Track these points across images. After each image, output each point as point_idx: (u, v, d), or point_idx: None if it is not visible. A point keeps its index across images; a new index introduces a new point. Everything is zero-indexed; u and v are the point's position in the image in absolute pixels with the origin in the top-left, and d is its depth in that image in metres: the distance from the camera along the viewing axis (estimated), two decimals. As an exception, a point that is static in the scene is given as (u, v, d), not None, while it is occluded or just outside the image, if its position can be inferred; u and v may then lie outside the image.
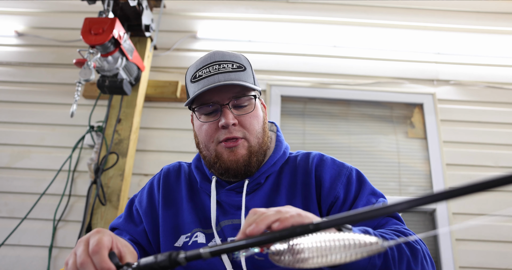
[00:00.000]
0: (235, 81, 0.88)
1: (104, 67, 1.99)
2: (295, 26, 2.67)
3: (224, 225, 0.91)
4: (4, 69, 2.57)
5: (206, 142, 0.92)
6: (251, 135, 0.91)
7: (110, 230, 1.02)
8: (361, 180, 0.93)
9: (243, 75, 0.91)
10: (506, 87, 2.54)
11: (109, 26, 1.84)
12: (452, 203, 2.25)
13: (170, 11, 2.70)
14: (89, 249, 0.61)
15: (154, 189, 1.02)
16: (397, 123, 2.49)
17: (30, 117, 2.44)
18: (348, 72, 2.57)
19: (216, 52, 0.95)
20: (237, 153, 0.89)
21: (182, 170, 1.04)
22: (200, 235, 0.91)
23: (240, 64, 0.92)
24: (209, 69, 0.90)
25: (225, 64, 0.91)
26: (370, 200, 0.89)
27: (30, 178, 2.30)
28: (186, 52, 2.61)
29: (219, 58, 0.92)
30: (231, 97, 0.90)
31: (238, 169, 0.90)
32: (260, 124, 0.94)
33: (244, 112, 0.91)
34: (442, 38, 2.65)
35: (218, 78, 0.89)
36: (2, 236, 2.14)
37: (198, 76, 0.91)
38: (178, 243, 0.92)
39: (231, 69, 0.90)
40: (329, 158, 0.98)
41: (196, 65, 0.94)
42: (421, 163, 2.38)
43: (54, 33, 2.62)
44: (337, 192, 0.90)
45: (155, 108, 2.46)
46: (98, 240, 0.61)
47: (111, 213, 2.04)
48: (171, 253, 0.55)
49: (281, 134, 1.04)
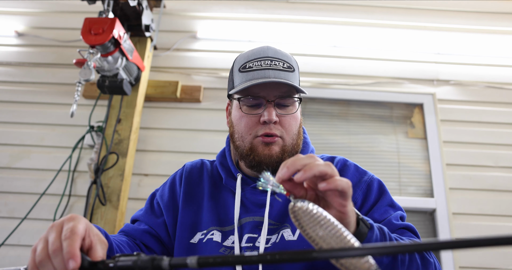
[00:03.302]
0: (285, 80, 0.89)
1: (104, 67, 1.99)
2: (295, 26, 2.67)
3: (244, 222, 0.91)
4: (4, 69, 2.57)
5: (244, 134, 0.92)
6: (287, 136, 0.92)
7: (131, 222, 1.03)
8: (382, 190, 0.93)
9: (292, 76, 0.92)
10: (506, 87, 2.54)
11: (109, 26, 1.84)
12: (452, 203, 2.25)
13: (170, 11, 2.70)
14: (62, 234, 0.57)
15: (176, 184, 1.03)
16: (397, 123, 2.49)
17: (30, 117, 2.44)
18: (348, 72, 2.57)
19: (269, 47, 0.95)
20: (271, 149, 0.90)
21: (204, 168, 1.05)
22: (216, 233, 0.91)
23: (290, 65, 0.93)
24: (260, 63, 0.91)
25: (277, 62, 0.92)
26: (387, 211, 0.88)
27: (30, 178, 2.30)
28: (186, 52, 2.61)
29: (272, 54, 0.93)
30: (277, 95, 0.90)
31: (270, 164, 0.90)
32: (297, 126, 0.95)
33: (286, 112, 0.92)
34: (442, 38, 2.65)
35: (269, 74, 0.89)
36: (2, 236, 2.14)
37: (248, 67, 0.92)
38: (194, 239, 0.92)
39: (282, 67, 0.91)
40: (352, 164, 0.98)
41: (248, 55, 0.94)
42: (421, 163, 2.38)
43: (54, 33, 2.62)
44: (355, 198, 0.91)
45: (155, 108, 2.46)
46: (73, 226, 0.57)
47: (111, 213, 2.04)
48: (154, 258, 0.52)
49: (308, 136, 1.06)
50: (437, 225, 2.20)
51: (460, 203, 2.26)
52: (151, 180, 2.29)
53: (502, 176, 2.32)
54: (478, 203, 2.26)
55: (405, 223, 0.87)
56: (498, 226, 2.20)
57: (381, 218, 0.87)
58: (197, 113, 2.45)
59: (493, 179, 2.31)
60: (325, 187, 0.57)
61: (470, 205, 2.25)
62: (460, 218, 2.22)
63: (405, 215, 0.91)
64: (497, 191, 2.29)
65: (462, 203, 2.26)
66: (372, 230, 0.67)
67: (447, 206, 2.23)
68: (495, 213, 2.23)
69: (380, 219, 0.86)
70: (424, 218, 2.27)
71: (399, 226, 0.85)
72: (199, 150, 2.34)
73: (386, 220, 0.86)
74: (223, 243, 0.90)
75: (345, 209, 0.60)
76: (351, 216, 0.62)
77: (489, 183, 2.30)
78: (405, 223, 0.87)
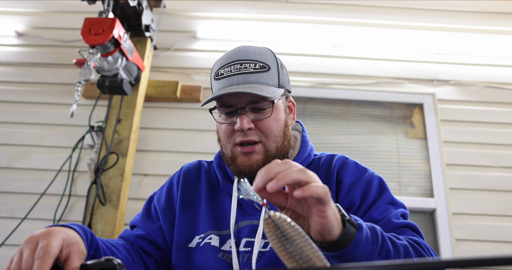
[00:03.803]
0: (253, 84, 0.86)
1: (104, 67, 1.99)
2: (295, 26, 2.67)
3: (242, 225, 0.90)
4: (4, 69, 2.57)
5: (224, 142, 0.92)
6: (268, 140, 0.89)
7: (130, 227, 1.02)
8: (382, 187, 0.90)
9: (265, 77, 0.89)
10: (506, 87, 2.54)
11: (109, 26, 1.84)
12: (452, 203, 2.25)
13: (170, 11, 2.70)
14: (35, 252, 0.59)
15: (173, 188, 1.01)
16: (397, 123, 2.49)
17: (30, 117, 2.44)
18: (348, 72, 2.57)
19: (241, 48, 0.93)
20: (251, 159, 0.88)
21: (202, 169, 1.04)
22: (214, 238, 0.90)
23: (263, 64, 0.90)
24: (230, 68, 0.89)
25: (247, 64, 0.89)
26: (388, 209, 0.85)
27: (30, 178, 2.30)
28: (186, 52, 2.61)
29: (242, 56, 0.90)
30: (248, 101, 0.87)
31: (252, 173, 0.87)
32: (279, 127, 0.91)
33: (262, 116, 0.88)
34: (442, 38, 2.65)
35: (238, 80, 0.87)
36: (2, 236, 2.14)
37: (220, 74, 0.90)
38: (191, 244, 0.92)
39: (253, 69, 0.88)
40: (352, 162, 0.96)
41: (220, 62, 0.93)
42: (421, 163, 2.38)
43: (54, 33, 2.62)
44: (353, 198, 0.88)
45: (155, 108, 2.46)
46: (47, 245, 0.59)
47: (111, 213, 2.04)
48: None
49: (307, 135, 1.03)
50: (437, 225, 2.20)
51: (460, 203, 2.26)
52: (151, 180, 2.29)
53: (502, 176, 2.32)
54: (478, 203, 2.26)
55: (406, 221, 0.84)
56: (498, 226, 2.20)
57: (380, 217, 0.84)
58: (197, 113, 2.45)
59: (493, 179, 2.31)
60: (300, 195, 0.55)
61: (470, 205, 2.25)
62: (460, 218, 2.22)
63: (407, 212, 0.88)
64: (497, 191, 2.28)
65: (462, 203, 2.26)
66: (361, 230, 0.64)
67: (447, 206, 2.23)
68: (495, 213, 2.23)
69: (379, 218, 0.84)
70: (424, 218, 2.27)
71: (399, 224, 0.82)
72: (199, 150, 2.34)
73: (385, 219, 0.83)
74: (221, 248, 0.88)
75: (324, 214, 0.58)
76: (333, 220, 0.60)
77: (489, 183, 2.30)
78: (405, 221, 0.83)
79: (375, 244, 0.66)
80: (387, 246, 0.68)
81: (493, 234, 2.18)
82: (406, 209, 0.89)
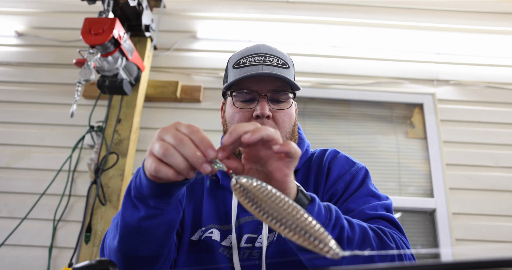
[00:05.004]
0: (278, 74, 0.87)
1: (104, 67, 1.99)
2: (295, 26, 2.68)
3: (243, 221, 0.90)
4: (4, 69, 2.57)
5: None
6: (280, 132, 0.89)
7: None
8: (364, 180, 0.90)
9: (286, 72, 0.91)
10: (506, 87, 2.54)
11: (109, 26, 1.84)
12: (452, 203, 2.25)
13: (170, 11, 2.70)
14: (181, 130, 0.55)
15: None
16: (397, 123, 2.49)
17: (30, 117, 2.44)
18: (348, 72, 2.57)
19: (263, 44, 0.95)
20: None
21: None
22: (215, 232, 0.90)
23: (284, 62, 0.92)
24: (254, 59, 0.91)
25: (270, 58, 0.91)
26: (368, 201, 0.85)
27: (30, 178, 2.30)
28: (186, 52, 2.61)
29: (266, 50, 0.93)
30: (271, 89, 0.89)
31: None
32: (291, 123, 0.93)
33: (279, 108, 0.90)
34: (442, 38, 2.65)
35: (262, 69, 0.88)
36: (2, 236, 2.14)
37: (242, 63, 0.91)
38: (194, 237, 0.92)
39: (276, 64, 0.90)
40: (343, 156, 0.97)
41: (242, 52, 0.94)
42: (421, 163, 2.38)
43: (54, 33, 2.62)
44: (336, 190, 0.89)
45: (155, 108, 2.46)
46: (189, 125, 0.56)
47: (111, 213, 2.04)
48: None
49: (302, 132, 1.04)
50: (437, 225, 2.20)
51: (460, 203, 2.26)
52: (151, 180, 2.29)
53: (502, 176, 2.32)
54: (478, 203, 2.26)
55: (382, 213, 0.82)
56: (498, 226, 2.20)
57: (356, 208, 0.83)
58: (197, 113, 2.45)
59: (493, 179, 2.31)
60: (279, 149, 0.55)
61: (470, 205, 2.25)
62: (460, 218, 2.22)
63: (390, 205, 0.87)
64: (497, 191, 2.29)
65: (462, 203, 2.26)
66: (313, 203, 0.64)
67: (447, 206, 2.23)
68: (495, 213, 2.23)
69: (355, 209, 0.83)
70: (424, 218, 2.27)
71: (373, 215, 0.81)
72: (199, 150, 2.33)
73: (359, 209, 0.82)
74: (222, 243, 0.89)
75: (287, 178, 0.59)
76: (291, 187, 0.60)
77: (489, 183, 2.30)
78: (381, 213, 0.81)
79: (328, 219, 0.65)
80: (341, 223, 0.67)
81: (493, 234, 2.18)
82: (388, 200, 0.88)
